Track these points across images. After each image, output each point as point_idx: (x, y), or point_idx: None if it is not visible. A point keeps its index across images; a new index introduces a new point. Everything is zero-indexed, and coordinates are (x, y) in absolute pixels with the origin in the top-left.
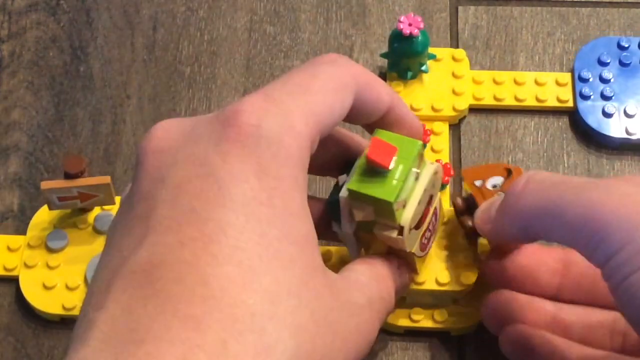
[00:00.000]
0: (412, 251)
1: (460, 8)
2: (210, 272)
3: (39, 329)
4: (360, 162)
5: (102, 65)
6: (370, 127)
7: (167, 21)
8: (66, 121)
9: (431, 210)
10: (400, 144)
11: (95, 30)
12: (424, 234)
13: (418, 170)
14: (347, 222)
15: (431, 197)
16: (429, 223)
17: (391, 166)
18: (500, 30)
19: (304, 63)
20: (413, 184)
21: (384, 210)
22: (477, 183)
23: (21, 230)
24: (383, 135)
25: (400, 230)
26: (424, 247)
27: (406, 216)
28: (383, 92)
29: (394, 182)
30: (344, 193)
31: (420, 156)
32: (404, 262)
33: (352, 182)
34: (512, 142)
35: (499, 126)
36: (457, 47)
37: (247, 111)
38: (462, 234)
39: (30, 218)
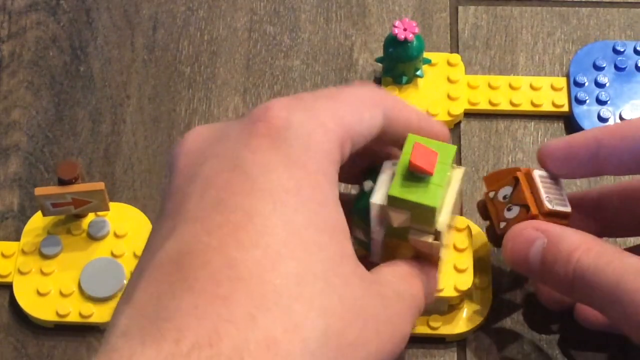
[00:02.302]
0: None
1: (460, 8)
2: (237, 256)
3: (39, 329)
4: (400, 168)
5: (102, 65)
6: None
7: (167, 21)
8: (66, 121)
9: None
10: (437, 148)
11: (95, 30)
12: None
13: (449, 175)
14: (378, 228)
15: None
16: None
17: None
18: (500, 30)
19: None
20: (446, 188)
21: (424, 216)
22: (491, 194)
23: (21, 230)
24: (420, 140)
25: (437, 235)
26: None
27: (442, 221)
28: (411, 111)
29: (435, 187)
30: (377, 199)
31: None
32: (430, 267)
33: (393, 188)
34: (512, 142)
35: (499, 126)
36: (457, 47)
37: (276, 107)
38: (458, 239)
39: (30, 218)
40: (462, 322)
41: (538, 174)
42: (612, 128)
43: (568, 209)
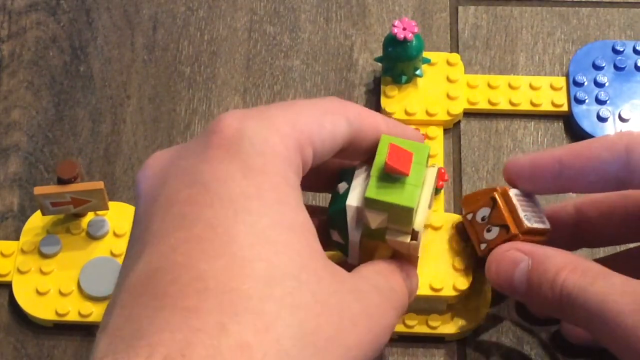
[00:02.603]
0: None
1: (460, 8)
2: (204, 268)
3: (40, 329)
4: (375, 169)
5: (102, 65)
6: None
7: (167, 21)
8: (66, 121)
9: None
10: (411, 149)
11: (95, 30)
12: None
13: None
14: (355, 230)
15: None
16: None
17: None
18: (500, 30)
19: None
20: (422, 187)
21: (401, 216)
22: (469, 217)
23: (21, 230)
24: (394, 141)
25: (414, 235)
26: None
27: (419, 221)
28: (378, 118)
29: (411, 187)
30: (353, 201)
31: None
32: (409, 266)
33: (369, 190)
34: (512, 142)
35: (499, 126)
36: (457, 47)
37: (229, 118)
38: (457, 239)
39: (30, 217)
40: (461, 321)
41: (514, 192)
42: (575, 147)
43: (547, 226)
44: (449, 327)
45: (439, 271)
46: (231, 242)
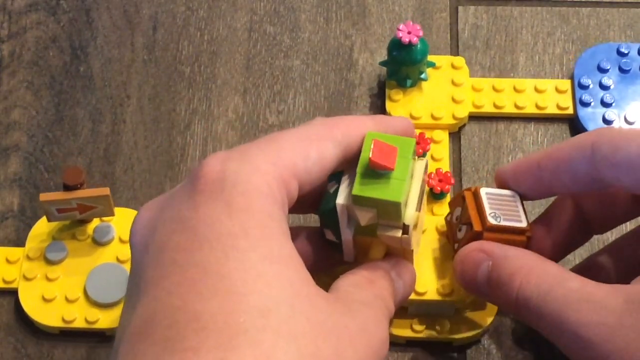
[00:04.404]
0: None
1: (460, 8)
2: (199, 309)
3: (40, 329)
4: (360, 166)
5: (102, 65)
6: None
7: (167, 21)
8: (66, 121)
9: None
10: (396, 143)
11: (95, 30)
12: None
13: (411, 167)
14: (347, 228)
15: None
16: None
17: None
18: (500, 30)
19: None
20: (409, 181)
21: (389, 211)
22: (448, 217)
23: (21, 230)
24: (378, 137)
25: (405, 229)
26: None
27: (409, 214)
28: (366, 122)
29: (397, 182)
30: (342, 199)
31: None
32: (401, 262)
33: (355, 188)
34: (512, 142)
35: (499, 126)
36: (457, 47)
37: (212, 162)
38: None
39: (31, 218)
40: (468, 326)
41: (485, 191)
42: (550, 150)
43: (522, 224)
44: (457, 332)
45: (447, 276)
46: (223, 281)
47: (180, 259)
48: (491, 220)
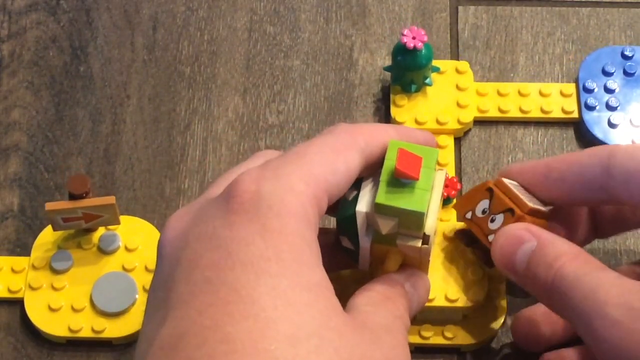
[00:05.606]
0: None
1: (460, 8)
2: (230, 331)
3: (52, 345)
4: (384, 175)
5: (102, 65)
6: None
7: (167, 21)
8: (66, 121)
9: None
10: (420, 153)
11: (95, 30)
12: None
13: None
14: (365, 236)
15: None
16: None
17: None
18: (500, 30)
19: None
20: (431, 191)
21: (411, 221)
22: (468, 215)
23: (21, 230)
24: (403, 145)
25: (425, 239)
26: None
27: (430, 224)
28: (389, 131)
29: (421, 192)
30: (362, 207)
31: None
32: (416, 273)
33: (380, 196)
34: (512, 142)
35: (499, 126)
36: (457, 47)
37: (246, 181)
38: (472, 250)
39: (31, 218)
40: (477, 332)
41: (508, 181)
42: (564, 154)
43: (547, 208)
44: (465, 338)
45: (454, 282)
46: (254, 304)
47: (213, 277)
48: (529, 203)
